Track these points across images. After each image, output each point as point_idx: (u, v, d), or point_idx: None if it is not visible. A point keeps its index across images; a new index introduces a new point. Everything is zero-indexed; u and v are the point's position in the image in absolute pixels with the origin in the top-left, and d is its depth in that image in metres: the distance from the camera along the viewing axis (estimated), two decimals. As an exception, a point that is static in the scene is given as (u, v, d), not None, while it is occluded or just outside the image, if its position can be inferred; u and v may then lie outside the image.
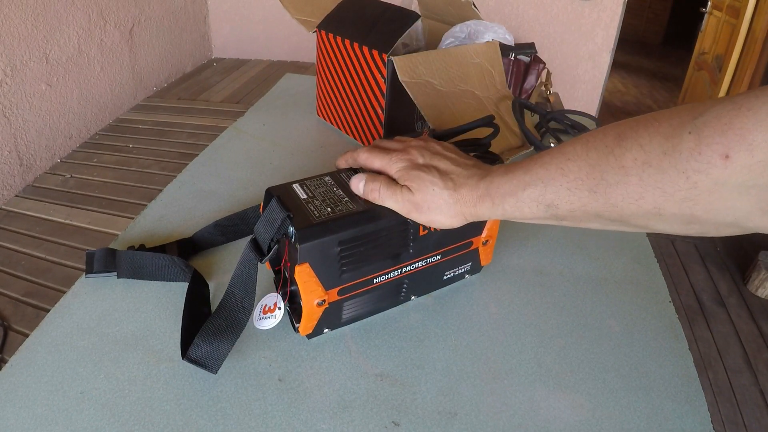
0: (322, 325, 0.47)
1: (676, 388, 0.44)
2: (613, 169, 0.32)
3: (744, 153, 0.26)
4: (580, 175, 0.34)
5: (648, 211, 0.32)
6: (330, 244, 0.42)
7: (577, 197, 0.35)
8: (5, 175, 2.30)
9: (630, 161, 0.31)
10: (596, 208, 0.34)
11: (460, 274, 0.54)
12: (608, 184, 0.33)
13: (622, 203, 0.33)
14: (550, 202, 0.36)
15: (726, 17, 2.80)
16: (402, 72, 0.68)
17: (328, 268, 0.43)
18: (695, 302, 2.02)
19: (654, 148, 0.30)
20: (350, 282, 0.45)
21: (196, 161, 0.76)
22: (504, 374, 0.45)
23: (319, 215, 0.42)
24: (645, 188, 0.31)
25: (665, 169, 0.30)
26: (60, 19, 2.55)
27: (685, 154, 0.29)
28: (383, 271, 0.46)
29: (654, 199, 0.31)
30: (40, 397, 0.41)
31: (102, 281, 0.53)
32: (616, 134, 0.33)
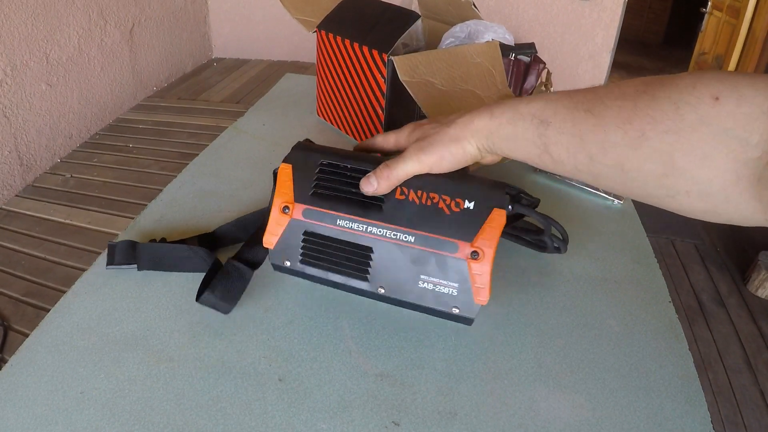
0: (283, 250, 0.48)
1: (676, 388, 0.44)
2: (614, 95, 0.35)
3: (733, 100, 0.28)
4: (583, 99, 0.36)
5: (632, 139, 0.33)
6: (314, 158, 0.47)
7: (572, 116, 0.36)
8: (5, 175, 2.30)
9: (631, 89, 0.34)
10: (585, 129, 0.35)
11: (442, 295, 0.44)
12: (605, 106, 0.34)
13: (610, 125, 0.34)
14: (545, 117, 0.38)
15: (726, 17, 2.80)
16: (402, 72, 0.68)
17: (303, 180, 0.47)
18: (695, 302, 2.01)
19: (654, 82, 0.33)
20: (317, 207, 0.46)
21: (196, 161, 0.76)
22: (504, 374, 0.45)
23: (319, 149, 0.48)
24: (636, 112, 0.32)
25: (659, 98, 0.31)
26: (60, 19, 2.55)
27: (681, 87, 0.31)
28: (349, 215, 0.45)
29: (641, 124, 0.32)
30: (40, 397, 0.41)
31: (116, 273, 0.53)
32: (626, 82, 0.35)
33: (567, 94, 0.38)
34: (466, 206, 0.43)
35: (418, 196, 0.44)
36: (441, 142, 0.43)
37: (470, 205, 0.43)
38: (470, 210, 0.43)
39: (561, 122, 0.37)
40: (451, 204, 0.43)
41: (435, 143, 0.43)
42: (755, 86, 0.28)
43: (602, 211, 0.68)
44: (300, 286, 0.53)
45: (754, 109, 0.28)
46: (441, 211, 0.43)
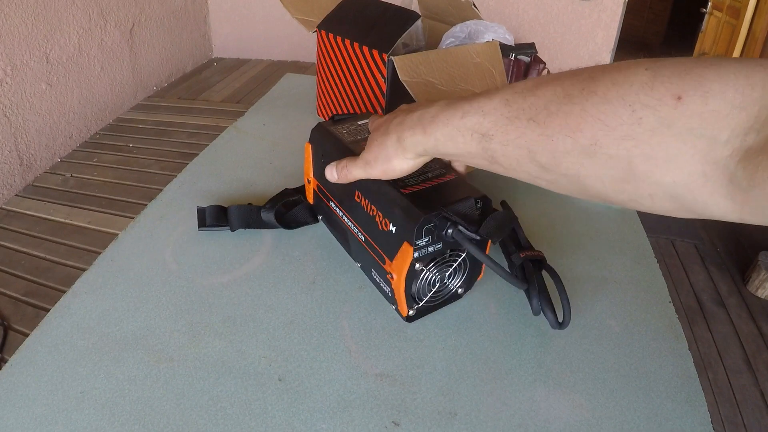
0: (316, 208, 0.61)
1: (676, 388, 0.44)
2: (558, 98, 0.30)
3: (698, 98, 0.25)
4: (524, 105, 0.32)
5: (584, 147, 0.29)
6: (323, 145, 0.55)
7: (515, 127, 0.33)
8: (5, 175, 2.30)
9: (577, 90, 0.30)
10: (531, 140, 0.32)
11: (386, 293, 0.50)
12: (549, 113, 0.31)
13: (558, 134, 0.30)
14: (485, 132, 0.34)
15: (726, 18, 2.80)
16: (402, 72, 0.68)
17: (316, 160, 0.57)
18: (695, 302, 2.01)
19: (605, 78, 0.28)
20: (322, 187, 0.57)
21: (196, 161, 0.76)
22: (504, 374, 0.45)
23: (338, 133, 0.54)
24: (585, 118, 0.29)
25: (611, 99, 0.28)
26: (60, 19, 2.55)
27: (635, 86, 0.27)
28: (335, 200, 0.54)
29: (593, 131, 0.28)
30: (40, 397, 0.41)
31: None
32: (572, 72, 0.32)
33: (504, 101, 0.34)
34: (390, 229, 0.45)
35: (365, 204, 0.48)
36: (383, 156, 0.42)
37: (393, 229, 0.45)
38: (393, 233, 0.45)
39: (503, 134, 0.33)
40: (382, 222, 0.46)
41: (378, 157, 0.43)
42: (723, 78, 0.25)
43: (602, 211, 0.68)
44: (300, 286, 0.53)
45: (722, 105, 0.24)
46: (377, 224, 0.47)
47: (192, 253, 0.57)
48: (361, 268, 0.54)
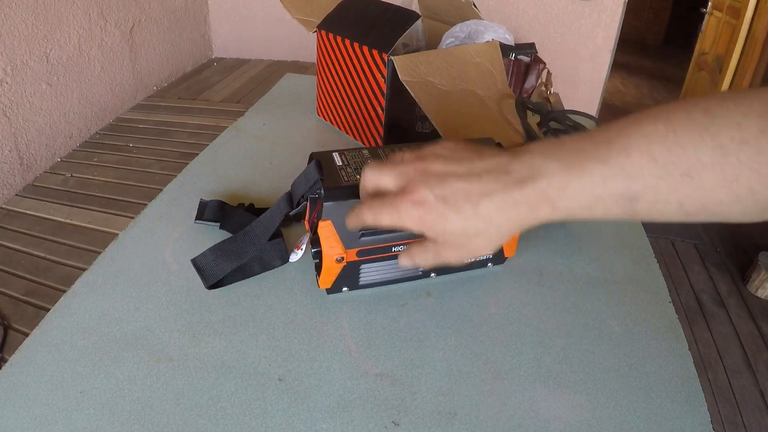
0: (341, 283, 0.51)
1: (676, 389, 0.44)
2: (710, 149, 0.29)
3: None
4: (671, 158, 0.29)
5: (739, 195, 0.29)
6: (352, 206, 0.43)
7: (667, 184, 0.30)
8: (5, 174, 2.30)
9: (727, 139, 0.28)
10: (684, 194, 0.30)
11: (481, 261, 0.55)
12: (703, 166, 0.29)
13: (714, 187, 0.29)
14: (633, 195, 0.31)
15: (726, 18, 2.80)
16: (402, 71, 0.68)
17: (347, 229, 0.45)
18: (695, 302, 2.01)
19: (751, 125, 0.28)
20: (369, 246, 0.49)
21: (197, 161, 0.76)
22: (504, 374, 0.45)
23: (347, 180, 0.47)
24: (742, 170, 0.28)
25: (763, 149, 0.28)
26: (60, 19, 2.55)
27: None
28: (402, 241, 0.49)
29: (749, 181, 0.28)
30: (40, 396, 0.41)
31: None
32: (702, 111, 0.29)
33: (649, 158, 0.30)
34: None
35: None
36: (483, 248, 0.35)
37: None
38: None
39: (653, 194, 0.31)
40: None
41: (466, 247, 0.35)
42: None
43: (602, 212, 0.68)
44: (300, 286, 0.53)
45: None
46: None
47: (192, 253, 0.57)
48: (438, 274, 0.54)
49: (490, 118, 0.77)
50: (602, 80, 3.13)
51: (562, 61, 3.11)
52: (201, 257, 0.52)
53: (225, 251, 0.52)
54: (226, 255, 0.51)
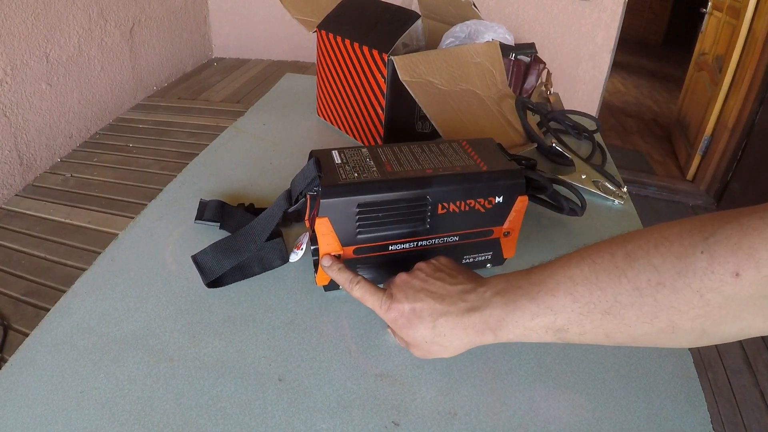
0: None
1: (676, 389, 0.44)
2: (627, 291, 0.33)
3: (752, 270, 0.28)
4: (591, 299, 0.34)
5: (661, 329, 0.33)
6: (349, 204, 0.47)
7: (590, 320, 0.35)
8: (5, 174, 2.30)
9: (644, 282, 0.32)
10: (608, 329, 0.34)
11: (480, 261, 0.55)
12: (622, 306, 0.33)
13: (636, 323, 0.33)
14: (560, 327, 0.36)
15: (726, 18, 2.80)
16: (402, 71, 0.68)
17: (345, 225, 0.48)
18: (695, 302, 2.01)
19: (667, 268, 0.31)
20: (366, 244, 0.49)
21: (196, 161, 0.76)
22: (504, 374, 0.45)
23: (345, 178, 0.47)
24: (659, 308, 0.32)
25: (679, 289, 0.31)
26: (60, 19, 2.55)
27: (699, 273, 0.30)
28: (399, 240, 0.50)
29: (669, 317, 0.32)
30: (40, 396, 0.41)
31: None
32: (624, 254, 0.33)
33: (570, 297, 0.35)
34: (497, 201, 0.51)
35: (457, 206, 0.50)
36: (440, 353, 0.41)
37: (500, 200, 0.51)
38: (500, 203, 0.51)
39: (578, 326, 0.35)
40: (485, 203, 0.51)
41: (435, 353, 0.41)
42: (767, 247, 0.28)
43: (602, 211, 0.68)
44: (300, 286, 0.53)
45: None
46: (477, 211, 0.50)
47: (192, 253, 0.57)
48: None
49: (490, 118, 0.77)
50: (602, 80, 3.13)
51: (562, 61, 3.11)
52: (201, 254, 0.52)
53: (225, 248, 0.52)
54: (225, 252, 0.52)
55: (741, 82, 2.54)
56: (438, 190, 0.48)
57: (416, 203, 0.48)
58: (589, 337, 0.36)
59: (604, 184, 0.72)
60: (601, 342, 0.36)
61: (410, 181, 0.48)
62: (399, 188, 0.48)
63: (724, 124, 2.64)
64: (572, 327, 0.36)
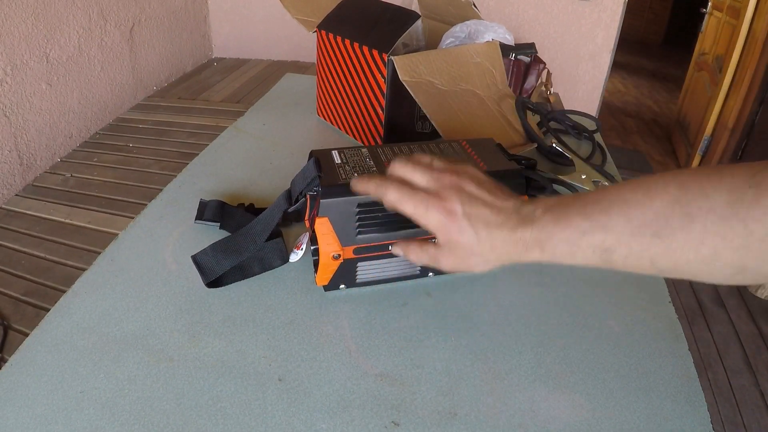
0: (339, 280, 0.51)
1: (676, 389, 0.44)
2: (679, 216, 0.34)
3: None
4: (644, 220, 0.35)
5: (705, 257, 0.33)
6: (349, 204, 0.47)
7: (638, 242, 0.35)
8: (5, 174, 2.30)
9: (695, 209, 0.33)
10: (654, 252, 0.35)
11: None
12: (672, 229, 0.34)
13: (682, 248, 0.34)
14: (608, 247, 0.36)
15: (726, 18, 2.80)
16: (402, 71, 0.68)
17: (345, 225, 0.48)
18: (695, 303, 2.01)
19: (718, 198, 0.33)
20: (366, 243, 0.49)
21: (196, 161, 0.76)
22: (504, 374, 0.45)
23: (345, 178, 0.47)
24: (706, 234, 0.33)
25: (727, 218, 0.32)
26: (60, 19, 2.55)
27: (746, 204, 0.32)
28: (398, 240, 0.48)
29: (714, 245, 0.33)
30: (40, 396, 0.41)
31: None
32: (677, 184, 0.35)
33: (624, 216, 0.36)
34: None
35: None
36: (479, 266, 0.41)
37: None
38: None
39: (626, 248, 0.36)
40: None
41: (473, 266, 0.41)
42: None
43: (602, 212, 0.68)
44: (300, 286, 0.53)
45: None
46: None
47: (192, 253, 0.57)
48: (436, 273, 0.54)
49: (490, 118, 0.77)
50: (602, 80, 3.13)
51: (562, 61, 3.11)
52: (201, 254, 0.52)
53: (225, 248, 0.52)
54: (225, 252, 0.52)
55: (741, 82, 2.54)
56: None
57: None
58: (633, 260, 0.36)
59: (604, 184, 0.72)
60: (644, 268, 0.36)
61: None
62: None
63: (724, 124, 2.64)
64: (620, 248, 0.36)
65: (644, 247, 0.35)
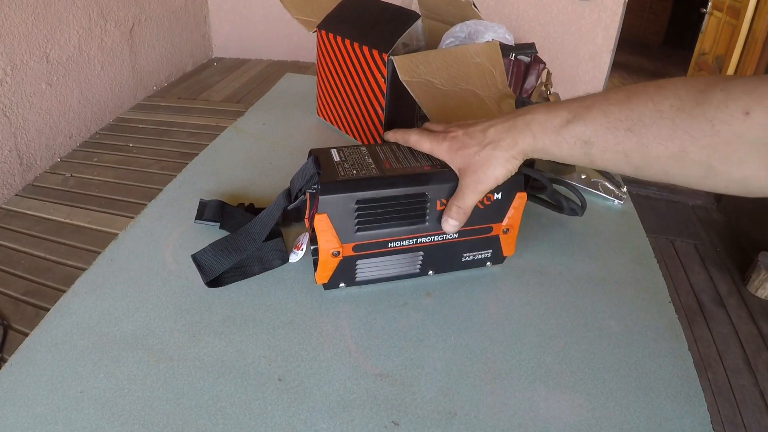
0: (338, 279, 0.51)
1: (675, 389, 0.44)
2: (650, 112, 0.37)
3: (761, 112, 0.32)
4: (620, 116, 0.39)
5: (674, 153, 0.36)
6: (348, 200, 0.47)
7: (613, 135, 0.39)
8: (5, 174, 2.30)
9: (667, 107, 0.36)
10: (627, 147, 0.38)
11: (480, 260, 0.55)
12: (644, 125, 0.37)
13: (652, 143, 0.37)
14: (587, 139, 0.40)
15: (726, 18, 2.80)
16: (402, 71, 0.68)
17: (345, 222, 0.48)
18: (695, 303, 2.01)
19: (689, 98, 0.35)
20: (365, 240, 0.49)
21: (196, 161, 0.76)
22: (504, 374, 0.45)
23: (344, 175, 0.48)
24: (675, 131, 0.36)
25: (695, 116, 0.35)
26: (60, 19, 2.55)
27: (714, 105, 0.34)
28: (398, 237, 0.50)
29: (681, 141, 0.36)
30: (40, 396, 0.41)
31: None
32: (656, 86, 0.38)
33: (602, 112, 0.40)
34: (496, 197, 0.51)
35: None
36: (490, 166, 0.46)
37: (498, 196, 0.51)
38: (498, 199, 0.51)
39: (603, 142, 0.40)
40: (483, 199, 0.50)
41: (486, 170, 0.46)
42: None
43: (602, 211, 0.68)
44: (300, 286, 0.53)
45: None
46: (476, 207, 0.49)
47: (192, 252, 0.57)
48: (435, 273, 0.54)
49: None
50: (602, 80, 3.13)
51: (562, 61, 3.11)
52: (201, 253, 0.52)
53: (224, 247, 0.52)
54: (225, 250, 0.52)
55: (741, 82, 2.54)
56: (437, 187, 0.48)
57: (415, 200, 0.48)
58: (611, 155, 0.40)
59: (604, 184, 0.72)
60: (621, 164, 0.40)
61: (409, 178, 0.48)
62: (398, 185, 0.48)
63: (724, 124, 2.63)
64: (598, 140, 0.40)
65: (618, 140, 0.39)
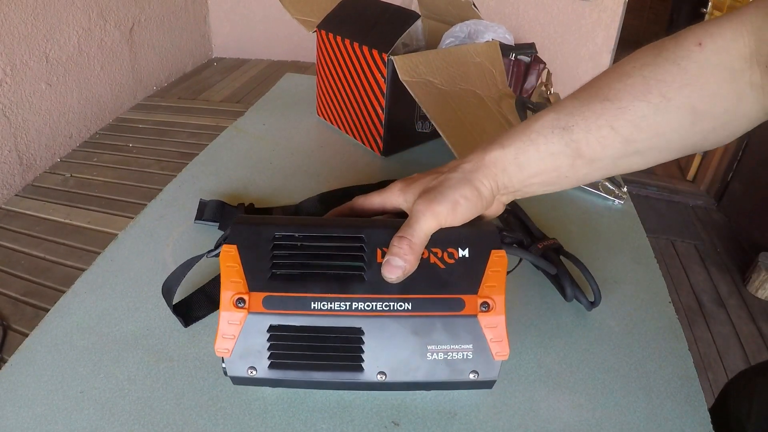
0: (245, 359, 0.37)
1: (675, 389, 0.44)
2: (617, 77, 0.37)
3: (709, 39, 0.35)
4: (590, 92, 0.38)
5: (656, 105, 0.36)
6: (265, 232, 0.38)
7: (592, 110, 0.37)
8: (5, 174, 2.30)
9: (630, 68, 0.37)
10: (610, 116, 0.37)
11: (458, 361, 0.37)
12: (617, 90, 0.37)
13: (631, 102, 0.36)
14: (565, 125, 0.38)
15: (726, 18, 2.80)
16: (402, 71, 0.68)
17: (257, 261, 0.37)
18: (695, 303, 2.01)
19: (648, 53, 0.37)
20: (280, 293, 0.37)
21: (196, 161, 0.76)
22: (504, 374, 0.44)
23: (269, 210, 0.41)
24: (648, 83, 0.36)
25: (660, 63, 0.36)
26: (60, 19, 2.55)
27: (671, 48, 0.36)
28: (324, 294, 0.37)
29: (659, 89, 0.35)
30: (40, 396, 0.41)
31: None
32: (618, 63, 0.39)
33: (569, 98, 0.39)
34: (461, 255, 0.38)
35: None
36: (451, 187, 0.38)
37: (465, 253, 0.38)
38: (466, 258, 0.38)
39: (584, 121, 0.37)
40: (443, 256, 0.38)
41: (444, 190, 0.37)
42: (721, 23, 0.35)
43: (602, 211, 0.68)
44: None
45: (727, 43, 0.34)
46: (434, 266, 0.37)
47: (191, 253, 0.57)
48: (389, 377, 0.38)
49: (490, 118, 0.77)
50: (602, 80, 3.12)
51: (562, 62, 3.11)
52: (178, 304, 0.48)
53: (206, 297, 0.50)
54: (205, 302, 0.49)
55: (741, 83, 2.54)
56: (379, 232, 0.37)
57: (347, 243, 0.37)
58: (595, 133, 0.37)
59: (604, 184, 0.72)
60: (611, 142, 0.37)
61: (345, 221, 0.40)
62: (327, 223, 0.39)
63: (724, 124, 2.63)
64: (578, 122, 0.37)
65: (598, 113, 0.37)
